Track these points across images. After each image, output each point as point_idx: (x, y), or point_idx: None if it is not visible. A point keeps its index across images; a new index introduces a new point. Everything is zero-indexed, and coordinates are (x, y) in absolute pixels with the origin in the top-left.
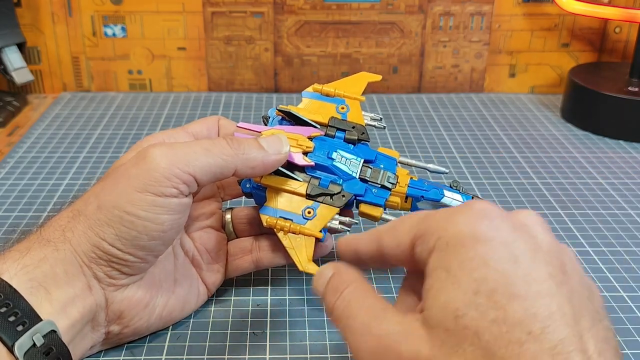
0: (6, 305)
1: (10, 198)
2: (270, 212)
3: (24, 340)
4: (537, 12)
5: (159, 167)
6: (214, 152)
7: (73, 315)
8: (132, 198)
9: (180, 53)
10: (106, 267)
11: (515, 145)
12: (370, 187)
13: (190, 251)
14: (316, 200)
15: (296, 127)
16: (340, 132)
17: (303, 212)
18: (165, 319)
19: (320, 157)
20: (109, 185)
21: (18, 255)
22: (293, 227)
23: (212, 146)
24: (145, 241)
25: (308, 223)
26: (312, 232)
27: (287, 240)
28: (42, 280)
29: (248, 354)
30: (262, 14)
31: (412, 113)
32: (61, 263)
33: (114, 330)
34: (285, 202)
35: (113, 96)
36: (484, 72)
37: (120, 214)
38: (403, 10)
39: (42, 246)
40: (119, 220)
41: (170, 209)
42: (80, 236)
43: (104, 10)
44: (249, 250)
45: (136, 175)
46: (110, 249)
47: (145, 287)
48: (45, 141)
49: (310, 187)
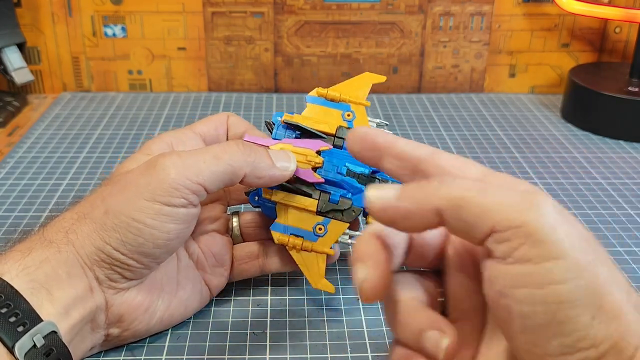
0: (7, 306)
1: (10, 198)
2: (281, 229)
3: (25, 341)
4: (537, 12)
5: (169, 177)
6: (224, 160)
7: (74, 317)
8: (140, 206)
9: (180, 53)
10: (108, 270)
11: (515, 145)
12: None
13: (195, 254)
14: (326, 216)
15: (304, 141)
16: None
17: (314, 228)
18: (166, 321)
19: (329, 173)
20: (117, 191)
21: (19, 256)
22: (305, 244)
23: (222, 153)
24: (150, 248)
25: (319, 240)
26: (324, 250)
27: (300, 257)
28: (43, 282)
29: (248, 354)
30: (262, 14)
31: (412, 113)
32: (63, 264)
33: (114, 333)
34: (296, 218)
35: (113, 96)
36: (484, 72)
37: (128, 220)
38: (403, 10)
39: (44, 247)
40: (126, 227)
41: (178, 219)
42: (85, 238)
43: (104, 10)
44: (256, 255)
45: (146, 184)
46: (114, 253)
47: (145, 291)
48: (45, 141)
49: (321, 204)
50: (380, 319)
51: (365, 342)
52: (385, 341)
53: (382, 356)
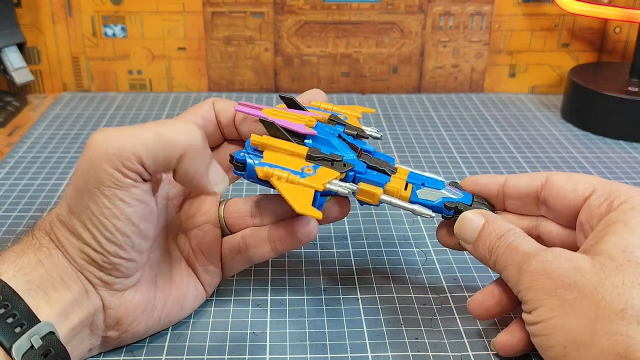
0: (5, 307)
1: (10, 198)
2: (267, 166)
3: (22, 342)
4: (537, 12)
5: (102, 153)
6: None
7: (73, 320)
8: (92, 195)
9: (180, 53)
10: (98, 271)
11: (515, 145)
12: (369, 170)
13: (185, 251)
14: (316, 162)
15: (298, 111)
16: (340, 127)
17: (302, 169)
18: (163, 321)
19: (322, 132)
20: (71, 186)
21: (14, 257)
22: (291, 177)
23: (163, 125)
24: (121, 238)
25: (307, 178)
26: (311, 184)
27: (285, 186)
28: (39, 283)
29: (248, 354)
30: (262, 14)
31: (412, 113)
32: (56, 268)
33: (112, 335)
34: (283, 159)
35: (113, 96)
36: (484, 72)
37: (88, 215)
38: (403, 10)
39: (36, 250)
40: (89, 222)
41: (132, 199)
42: (65, 242)
43: (104, 10)
44: (238, 250)
45: (86, 170)
46: (92, 253)
47: (142, 291)
48: (45, 141)
49: (311, 150)
50: (380, 319)
51: (365, 342)
52: (385, 341)
53: (382, 356)
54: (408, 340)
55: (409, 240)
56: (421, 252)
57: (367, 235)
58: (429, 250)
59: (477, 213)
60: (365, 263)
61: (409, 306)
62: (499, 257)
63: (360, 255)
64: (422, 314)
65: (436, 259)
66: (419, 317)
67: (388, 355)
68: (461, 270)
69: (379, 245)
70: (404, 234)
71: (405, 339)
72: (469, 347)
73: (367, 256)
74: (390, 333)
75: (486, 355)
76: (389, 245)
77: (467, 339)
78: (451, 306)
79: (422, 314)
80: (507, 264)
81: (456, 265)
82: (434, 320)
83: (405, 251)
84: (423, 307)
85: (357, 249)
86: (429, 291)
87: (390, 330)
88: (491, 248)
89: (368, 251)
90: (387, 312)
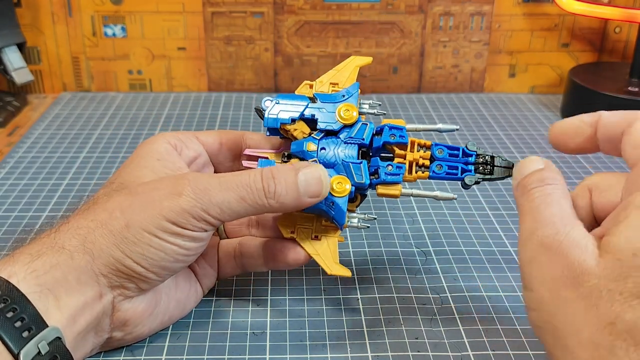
0: (13, 310)
1: (10, 198)
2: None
3: (30, 348)
4: (537, 12)
5: (193, 210)
6: (247, 202)
7: (80, 324)
8: (164, 226)
9: (180, 53)
10: (125, 279)
11: (515, 145)
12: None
13: None
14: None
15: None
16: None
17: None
18: (166, 322)
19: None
20: (138, 206)
21: (28, 259)
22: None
23: (247, 195)
24: (170, 262)
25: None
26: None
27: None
28: (51, 286)
29: (248, 354)
30: (262, 14)
31: (412, 113)
32: (74, 270)
33: (117, 336)
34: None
35: (113, 96)
36: (484, 72)
37: (150, 237)
38: (403, 10)
39: (56, 252)
40: (148, 242)
41: (198, 239)
42: (103, 249)
43: (104, 10)
44: (232, 256)
45: (169, 207)
46: (134, 267)
47: (150, 297)
48: (45, 141)
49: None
50: (380, 318)
51: (365, 342)
52: (385, 341)
53: (382, 356)
54: (408, 340)
55: (409, 240)
56: (421, 252)
57: (367, 235)
58: (429, 250)
59: (539, 159)
60: (365, 263)
61: (409, 306)
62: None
63: (360, 255)
64: (422, 314)
65: (436, 259)
66: (419, 317)
67: (388, 355)
68: (461, 270)
69: (379, 245)
70: (404, 234)
71: (405, 339)
72: (469, 347)
73: (367, 256)
74: (390, 333)
75: (486, 355)
76: (389, 245)
77: (467, 339)
78: (451, 306)
79: (422, 314)
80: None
81: (456, 265)
82: (434, 320)
83: (405, 251)
84: (423, 307)
85: (357, 249)
86: (429, 291)
87: (390, 330)
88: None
89: (368, 251)
90: (387, 312)
